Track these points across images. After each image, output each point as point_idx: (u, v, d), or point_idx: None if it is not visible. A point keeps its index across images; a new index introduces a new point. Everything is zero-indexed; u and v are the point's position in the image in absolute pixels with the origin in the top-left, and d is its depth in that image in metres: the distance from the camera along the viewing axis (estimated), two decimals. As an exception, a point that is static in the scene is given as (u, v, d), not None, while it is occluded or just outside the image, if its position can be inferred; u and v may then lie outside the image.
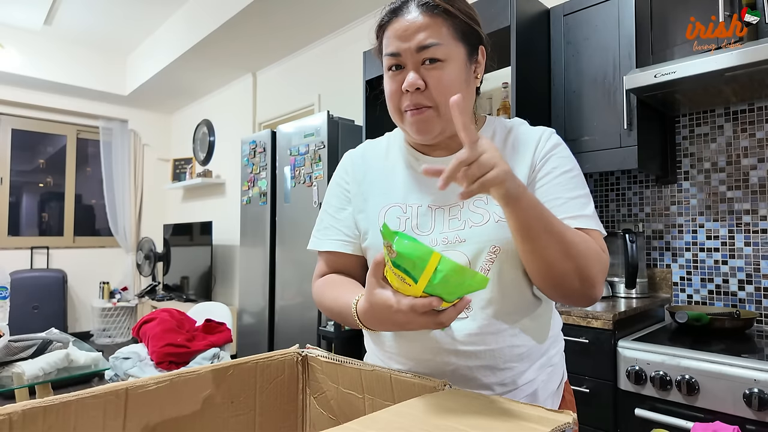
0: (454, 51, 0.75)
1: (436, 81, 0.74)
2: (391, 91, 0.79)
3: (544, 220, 0.66)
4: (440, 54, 0.74)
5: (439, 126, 0.77)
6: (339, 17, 3.36)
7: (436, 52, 0.74)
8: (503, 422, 0.51)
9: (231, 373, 0.71)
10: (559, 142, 0.81)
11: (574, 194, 0.76)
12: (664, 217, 1.99)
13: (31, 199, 5.23)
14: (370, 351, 0.90)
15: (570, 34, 1.95)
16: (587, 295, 0.71)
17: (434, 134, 0.78)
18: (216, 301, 3.36)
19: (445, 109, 0.75)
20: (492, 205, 0.77)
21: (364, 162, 0.89)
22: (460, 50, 0.76)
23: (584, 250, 0.69)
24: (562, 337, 0.90)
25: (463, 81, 0.77)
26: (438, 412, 0.55)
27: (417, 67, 0.75)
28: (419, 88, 0.74)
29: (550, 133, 0.82)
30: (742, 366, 1.26)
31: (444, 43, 0.74)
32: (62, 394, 0.57)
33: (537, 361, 0.79)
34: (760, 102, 1.77)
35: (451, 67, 0.75)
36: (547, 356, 0.82)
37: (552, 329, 0.84)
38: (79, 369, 2.02)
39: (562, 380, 0.86)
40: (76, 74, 4.74)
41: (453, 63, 0.75)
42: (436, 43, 0.74)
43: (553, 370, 0.82)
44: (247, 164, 3.48)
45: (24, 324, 4.29)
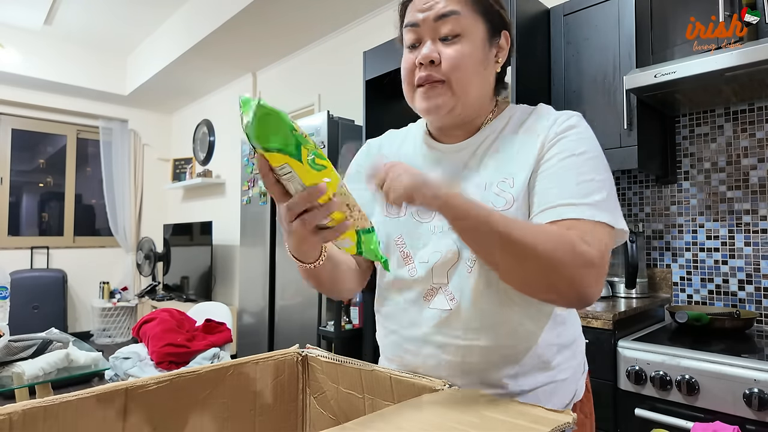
0: (472, 25, 0.73)
1: (450, 55, 0.72)
2: (406, 67, 0.76)
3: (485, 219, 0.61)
4: (458, 26, 0.72)
5: (451, 103, 0.73)
6: (339, 17, 3.35)
7: (454, 23, 0.71)
8: (503, 422, 0.51)
9: (231, 373, 0.71)
10: (576, 123, 0.73)
11: (579, 179, 0.67)
12: (664, 217, 1.99)
13: (31, 199, 5.23)
14: None
15: (570, 34, 1.95)
16: (570, 298, 0.63)
17: (444, 111, 0.74)
18: (216, 301, 3.36)
19: (458, 86, 0.72)
20: (489, 193, 0.73)
21: (379, 150, 0.91)
22: (479, 26, 0.74)
23: (547, 246, 0.60)
24: (581, 355, 0.82)
25: (479, 61, 0.74)
26: (438, 412, 0.55)
27: (434, 40, 0.73)
28: (433, 61, 0.72)
29: (569, 116, 0.74)
30: (742, 366, 1.26)
31: (462, 14, 0.72)
32: (62, 394, 0.57)
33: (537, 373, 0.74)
34: (760, 102, 1.77)
35: (468, 42, 0.72)
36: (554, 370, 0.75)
37: (561, 336, 0.77)
38: (79, 369, 2.02)
39: (572, 400, 0.79)
40: (76, 74, 4.74)
41: (470, 38, 0.72)
42: (455, 11, 0.71)
43: (558, 386, 0.76)
44: (247, 164, 3.48)
45: (24, 324, 4.28)
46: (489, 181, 0.74)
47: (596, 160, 0.70)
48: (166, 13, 4.07)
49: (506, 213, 0.69)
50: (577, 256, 0.61)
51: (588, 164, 0.69)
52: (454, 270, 0.74)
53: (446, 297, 0.75)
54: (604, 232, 0.65)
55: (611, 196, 0.68)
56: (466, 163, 0.78)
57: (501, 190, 0.72)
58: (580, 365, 0.82)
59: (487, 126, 0.79)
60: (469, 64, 0.72)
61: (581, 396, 0.81)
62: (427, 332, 0.76)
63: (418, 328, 0.77)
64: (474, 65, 0.73)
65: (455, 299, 0.73)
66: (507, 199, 0.71)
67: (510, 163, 0.74)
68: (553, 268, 0.61)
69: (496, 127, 0.79)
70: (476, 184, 0.75)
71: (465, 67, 0.72)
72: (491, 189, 0.73)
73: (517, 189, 0.72)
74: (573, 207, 0.66)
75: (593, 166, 0.69)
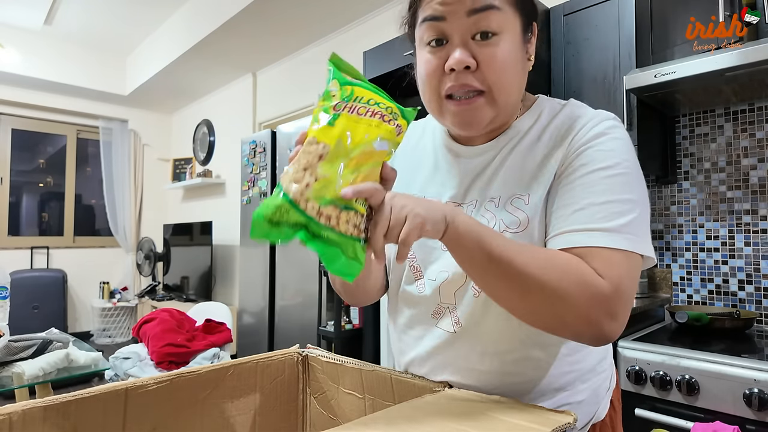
0: (511, 21, 0.62)
1: (490, 59, 0.61)
2: (430, 71, 0.63)
3: (486, 247, 0.55)
4: (495, 24, 0.60)
5: (490, 116, 0.64)
6: (339, 17, 3.35)
7: (491, 19, 0.60)
8: (503, 422, 0.51)
9: (231, 373, 0.71)
10: (607, 130, 0.63)
11: (601, 198, 0.59)
12: (664, 217, 1.99)
13: (31, 199, 5.23)
14: None
15: (570, 33, 1.94)
16: (584, 335, 0.57)
17: (482, 127, 0.65)
18: (216, 301, 3.36)
19: (499, 95, 0.62)
20: (501, 210, 0.66)
21: None
22: (516, 21, 0.63)
23: (554, 280, 0.54)
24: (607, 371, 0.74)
25: (519, 61, 0.64)
26: (438, 412, 0.55)
27: (466, 40, 0.61)
28: (469, 66, 0.60)
29: (599, 120, 0.64)
30: (742, 366, 1.26)
31: (501, 8, 0.61)
32: (62, 394, 0.57)
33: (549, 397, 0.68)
34: (760, 102, 1.77)
35: (507, 41, 0.61)
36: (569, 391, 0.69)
37: (579, 363, 0.69)
38: (79, 369, 2.01)
39: (590, 422, 0.71)
40: (76, 74, 4.74)
41: (509, 36, 0.62)
42: (493, 5, 0.60)
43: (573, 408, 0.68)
44: (247, 164, 3.48)
45: (24, 324, 4.29)
46: (503, 195, 0.67)
47: (626, 175, 0.60)
48: (166, 13, 4.07)
49: (519, 235, 0.64)
50: (586, 288, 0.55)
51: (614, 180, 0.60)
52: (462, 292, 0.69)
53: (452, 319, 0.70)
54: (625, 260, 0.57)
55: (639, 218, 0.59)
56: (483, 171, 0.70)
57: (515, 208, 0.65)
58: (602, 385, 0.74)
59: (512, 126, 0.70)
60: (510, 67, 0.62)
61: (603, 416, 0.73)
62: (432, 350, 0.73)
63: (425, 344, 0.74)
64: (515, 67, 0.63)
65: (460, 323, 0.69)
66: (521, 219, 0.64)
67: (529, 175, 0.66)
68: (559, 301, 0.55)
69: (522, 127, 0.70)
70: (490, 197, 0.68)
71: (507, 72, 0.62)
72: (505, 206, 0.66)
73: (532, 208, 0.64)
74: (589, 233, 0.58)
75: (621, 183, 0.60)
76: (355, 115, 0.54)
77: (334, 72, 0.57)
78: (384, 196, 0.53)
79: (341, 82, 0.56)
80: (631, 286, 0.58)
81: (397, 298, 0.80)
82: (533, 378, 0.67)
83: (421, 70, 0.66)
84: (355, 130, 0.53)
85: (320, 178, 0.51)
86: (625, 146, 0.63)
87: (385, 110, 0.55)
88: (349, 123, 0.53)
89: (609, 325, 0.56)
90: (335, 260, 0.52)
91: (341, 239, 0.51)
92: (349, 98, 0.55)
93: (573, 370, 0.69)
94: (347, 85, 0.56)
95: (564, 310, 0.55)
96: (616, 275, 0.56)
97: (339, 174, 0.51)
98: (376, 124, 0.54)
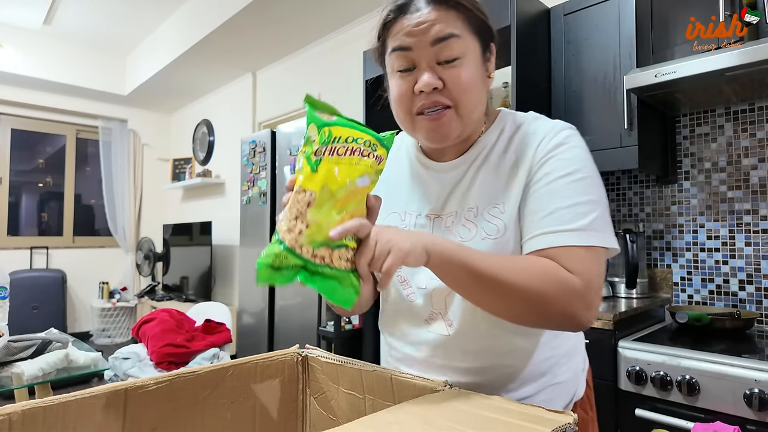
0: (470, 46, 0.70)
1: (455, 79, 0.68)
2: (400, 93, 0.71)
3: (471, 268, 0.61)
4: (457, 50, 0.68)
5: (458, 129, 0.72)
6: (339, 17, 3.35)
7: (453, 47, 0.67)
8: (503, 422, 0.51)
9: (231, 373, 0.71)
10: (565, 140, 0.71)
11: (566, 202, 0.66)
12: (664, 217, 1.99)
13: (30, 199, 5.23)
14: None
15: (570, 33, 1.94)
16: (567, 326, 0.66)
17: (452, 138, 0.72)
18: (216, 301, 3.36)
19: (464, 109, 0.70)
20: (481, 219, 0.73)
21: None
22: (475, 45, 0.71)
23: (534, 285, 0.61)
24: (580, 354, 0.84)
25: (479, 79, 0.72)
26: (439, 412, 0.54)
27: (432, 65, 0.68)
28: (437, 88, 0.68)
29: (558, 131, 0.72)
30: (743, 366, 1.26)
31: (461, 36, 0.68)
32: (62, 394, 0.56)
33: (535, 381, 0.75)
34: (761, 102, 1.77)
35: (468, 63, 0.69)
36: (551, 374, 0.76)
37: (558, 347, 0.77)
38: (79, 369, 2.01)
39: (572, 400, 0.79)
40: (75, 74, 4.74)
41: (470, 59, 0.70)
42: (454, 34, 0.67)
43: (556, 388, 0.77)
44: (247, 164, 3.48)
45: (23, 324, 4.28)
46: (481, 205, 0.74)
47: (585, 179, 0.68)
48: (166, 13, 4.07)
49: (498, 240, 0.70)
50: (564, 287, 0.62)
51: (576, 185, 0.68)
52: (452, 297, 0.75)
53: (445, 323, 0.76)
54: (593, 255, 0.66)
55: (600, 216, 0.67)
56: (458, 183, 0.77)
57: (492, 216, 0.72)
58: (579, 366, 0.82)
59: (480, 140, 0.77)
60: (473, 86, 0.70)
61: (582, 394, 0.82)
62: (427, 355, 0.77)
63: (419, 350, 0.79)
64: (476, 85, 0.71)
65: (453, 325, 0.75)
66: (499, 227, 0.71)
67: (500, 186, 0.73)
68: (540, 303, 0.62)
69: (488, 142, 0.77)
70: (469, 207, 0.75)
71: (470, 90, 0.69)
72: (483, 215, 0.73)
73: (508, 215, 0.71)
74: (559, 234, 0.65)
75: (582, 186, 0.68)
76: (336, 156, 0.58)
77: (308, 113, 0.60)
78: (370, 230, 0.59)
79: (318, 125, 0.59)
80: (600, 277, 0.67)
81: (388, 309, 0.84)
82: (520, 366, 0.74)
83: (393, 93, 0.73)
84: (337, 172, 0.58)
85: (311, 224, 0.57)
86: (582, 153, 0.71)
87: (363, 145, 0.60)
88: (330, 166, 0.58)
89: (585, 314, 0.64)
90: (334, 292, 0.58)
91: (337, 273, 0.58)
92: (328, 141, 0.58)
93: (553, 354, 0.76)
94: (324, 126, 0.59)
95: (546, 309, 0.63)
96: (587, 270, 0.64)
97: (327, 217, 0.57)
98: (356, 162, 0.59)
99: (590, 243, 0.65)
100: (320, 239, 0.56)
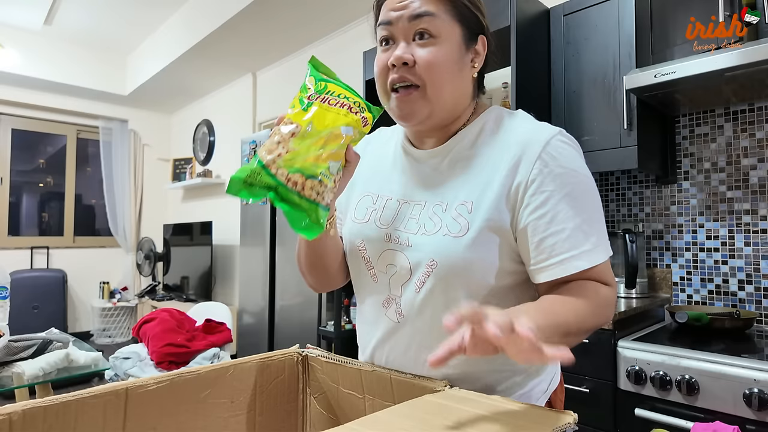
0: (448, 28, 0.71)
1: (425, 57, 0.70)
2: (379, 66, 0.74)
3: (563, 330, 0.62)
4: (433, 28, 0.70)
5: (426, 109, 0.72)
6: (339, 17, 3.36)
7: (429, 24, 0.69)
8: (503, 422, 0.51)
9: (231, 373, 0.71)
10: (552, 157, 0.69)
11: (576, 221, 0.67)
12: (664, 217, 1.99)
13: (31, 199, 5.23)
14: None
15: (570, 34, 1.95)
16: None
17: (420, 119, 0.73)
18: (216, 301, 3.36)
19: (432, 90, 0.70)
20: (447, 215, 0.72)
21: (366, 146, 0.89)
22: (455, 30, 0.72)
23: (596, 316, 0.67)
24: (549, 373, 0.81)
25: (454, 63, 0.72)
26: (438, 412, 0.55)
27: (408, 41, 0.71)
28: (407, 63, 0.70)
29: (548, 138, 0.69)
30: (742, 366, 1.26)
31: (439, 16, 0.70)
32: (62, 394, 0.57)
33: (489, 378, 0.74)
34: (760, 102, 1.77)
35: (443, 45, 0.70)
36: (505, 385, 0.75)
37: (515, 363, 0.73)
38: (79, 369, 2.01)
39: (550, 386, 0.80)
40: (76, 74, 4.74)
41: (446, 42, 0.71)
42: (430, 12, 0.69)
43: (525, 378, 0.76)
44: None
45: (24, 324, 4.28)
46: (449, 201, 0.73)
47: (587, 192, 0.70)
48: (166, 13, 4.07)
49: (459, 239, 0.69)
50: (610, 303, 0.70)
51: (580, 201, 0.68)
52: (406, 286, 0.75)
53: (396, 310, 0.77)
54: (607, 264, 0.71)
55: (602, 224, 0.71)
56: (431, 174, 0.77)
57: (458, 214, 0.71)
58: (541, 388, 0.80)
59: (460, 132, 0.77)
60: (443, 67, 0.70)
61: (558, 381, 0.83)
62: (381, 337, 0.79)
63: (377, 331, 0.80)
64: (449, 68, 0.71)
65: (403, 314, 0.75)
66: (462, 225, 0.70)
67: (473, 183, 0.72)
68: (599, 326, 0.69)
69: (470, 134, 0.76)
70: (438, 201, 0.74)
71: (439, 70, 0.70)
72: (449, 212, 0.72)
73: (475, 216, 0.70)
74: (580, 257, 0.67)
75: (588, 200, 0.70)
76: (326, 105, 0.64)
77: (311, 71, 0.68)
78: None
79: (317, 79, 0.67)
80: None
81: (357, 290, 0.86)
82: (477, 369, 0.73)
83: (375, 68, 0.76)
84: (324, 116, 0.63)
85: (291, 151, 0.60)
86: (579, 161, 0.72)
87: (353, 104, 0.65)
88: (320, 110, 0.63)
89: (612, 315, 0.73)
90: (299, 221, 0.60)
91: (305, 203, 0.60)
92: (322, 91, 0.65)
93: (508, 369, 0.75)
94: (321, 81, 0.66)
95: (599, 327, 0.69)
96: (612, 279, 0.72)
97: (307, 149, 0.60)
98: (344, 114, 0.64)
99: (606, 255, 0.70)
100: (297, 165, 0.59)
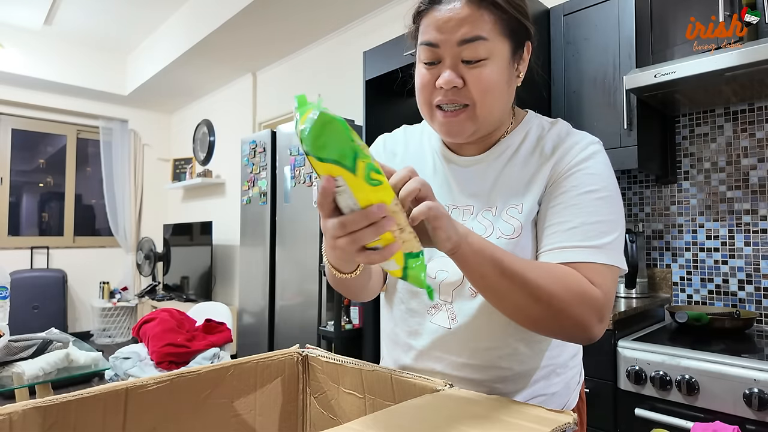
0: (498, 48, 0.68)
1: (475, 79, 0.68)
2: (423, 84, 0.72)
3: (499, 264, 0.59)
4: (483, 51, 0.67)
5: (473, 127, 0.71)
6: (339, 17, 3.36)
7: (478, 48, 0.66)
8: (503, 422, 0.51)
9: (231, 373, 0.71)
10: (592, 155, 0.71)
11: (590, 219, 0.67)
12: (664, 217, 1.99)
13: (31, 199, 5.23)
14: None
15: (570, 33, 1.94)
16: (575, 336, 0.66)
17: (466, 136, 0.73)
18: (216, 301, 3.36)
19: (482, 110, 0.70)
20: (498, 219, 0.73)
21: (404, 138, 0.88)
22: (505, 47, 0.69)
23: (559, 291, 0.62)
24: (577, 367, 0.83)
25: (504, 81, 0.71)
26: (439, 412, 0.55)
27: (456, 63, 0.68)
28: (456, 86, 0.68)
29: (586, 144, 0.72)
30: (742, 366, 1.26)
31: (489, 39, 0.67)
32: (62, 394, 0.57)
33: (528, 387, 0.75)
34: (760, 102, 1.77)
35: (493, 65, 0.68)
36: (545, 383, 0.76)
37: (556, 358, 0.77)
38: (79, 369, 2.02)
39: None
40: (76, 74, 4.74)
41: (496, 61, 0.68)
42: (481, 37, 0.66)
43: (548, 399, 0.76)
44: (247, 164, 3.48)
45: (24, 324, 4.29)
46: (500, 205, 0.74)
47: (610, 197, 0.69)
48: (166, 13, 4.07)
49: (513, 241, 0.71)
50: (586, 299, 0.63)
51: (601, 202, 0.68)
52: (459, 291, 0.75)
53: (448, 315, 0.76)
54: (611, 273, 0.67)
55: (620, 237, 0.69)
56: (478, 179, 0.77)
57: (510, 217, 0.72)
58: (574, 379, 0.82)
59: (504, 140, 0.77)
60: (495, 88, 0.69)
61: (573, 406, 0.82)
62: (426, 344, 0.77)
63: (419, 339, 0.79)
64: (500, 87, 0.70)
65: (456, 320, 0.75)
66: (515, 227, 0.71)
67: (521, 187, 0.74)
68: (562, 311, 0.62)
69: (513, 142, 0.77)
70: (488, 206, 0.75)
71: (492, 92, 0.69)
72: (501, 215, 0.73)
73: (524, 215, 0.72)
74: (582, 250, 0.66)
75: (607, 204, 0.69)
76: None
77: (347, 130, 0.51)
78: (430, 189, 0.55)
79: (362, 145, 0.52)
80: (614, 294, 0.69)
81: (395, 290, 0.83)
82: (517, 371, 0.74)
83: (417, 82, 0.74)
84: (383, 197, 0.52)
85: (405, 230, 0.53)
86: (608, 170, 0.72)
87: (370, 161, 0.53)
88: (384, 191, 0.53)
89: (597, 327, 0.65)
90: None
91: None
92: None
93: (550, 363, 0.76)
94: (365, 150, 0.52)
95: (564, 315, 0.63)
96: (606, 285, 0.66)
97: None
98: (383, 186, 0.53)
99: (611, 262, 0.67)
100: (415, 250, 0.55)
